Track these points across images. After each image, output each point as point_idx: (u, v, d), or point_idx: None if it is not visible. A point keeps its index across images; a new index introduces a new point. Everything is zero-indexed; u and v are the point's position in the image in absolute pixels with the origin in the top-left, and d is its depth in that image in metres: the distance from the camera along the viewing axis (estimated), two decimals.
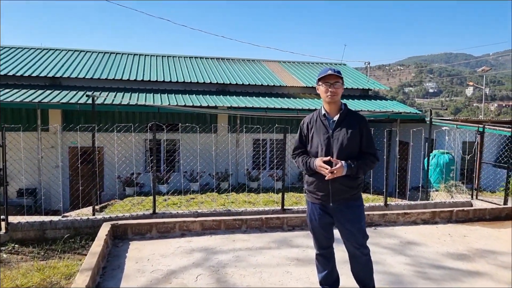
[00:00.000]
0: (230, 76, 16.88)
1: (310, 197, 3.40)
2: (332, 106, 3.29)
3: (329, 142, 3.23)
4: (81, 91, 13.51)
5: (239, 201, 10.11)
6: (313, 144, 3.31)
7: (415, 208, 7.45)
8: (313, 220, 3.40)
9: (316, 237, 3.47)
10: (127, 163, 11.77)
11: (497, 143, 13.77)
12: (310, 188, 3.38)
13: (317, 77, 3.31)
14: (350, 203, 3.27)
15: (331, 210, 3.30)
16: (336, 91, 3.21)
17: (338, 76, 3.20)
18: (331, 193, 3.22)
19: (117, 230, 5.12)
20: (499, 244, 5.29)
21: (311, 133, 3.34)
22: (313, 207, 3.39)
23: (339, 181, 3.17)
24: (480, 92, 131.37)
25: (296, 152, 3.47)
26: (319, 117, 3.34)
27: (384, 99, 17.65)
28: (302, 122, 3.47)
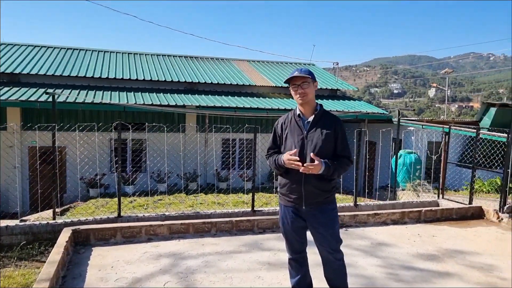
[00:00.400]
0: (198, 74, 16.61)
1: (283, 200, 3.28)
2: (305, 107, 3.17)
3: (303, 143, 3.11)
4: (41, 88, 12.90)
5: (208, 202, 9.91)
6: (287, 145, 3.19)
7: (384, 208, 7.49)
8: (286, 224, 3.28)
9: (288, 241, 3.35)
10: (91, 163, 11.32)
11: (461, 143, 14.17)
12: (282, 191, 3.26)
13: (284, 80, 3.21)
14: (323, 207, 3.17)
15: (304, 213, 3.19)
16: (304, 92, 3.09)
17: (304, 76, 3.08)
18: (304, 196, 3.11)
19: (79, 236, 4.84)
20: (467, 244, 5.36)
21: (285, 133, 3.22)
22: (285, 210, 3.27)
23: (313, 184, 3.07)
24: (442, 93, 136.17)
25: (269, 153, 3.34)
26: (294, 118, 3.23)
27: (352, 99, 17.86)
28: (277, 123, 3.35)
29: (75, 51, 17.44)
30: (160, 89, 15.01)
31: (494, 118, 14.67)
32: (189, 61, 18.65)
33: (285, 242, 3.39)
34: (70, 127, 10.00)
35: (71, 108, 12.32)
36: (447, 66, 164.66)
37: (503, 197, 6.88)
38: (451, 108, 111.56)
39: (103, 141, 12.71)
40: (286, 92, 16.73)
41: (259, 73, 18.17)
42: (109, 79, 14.74)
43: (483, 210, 6.79)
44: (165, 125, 13.15)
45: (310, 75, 3.14)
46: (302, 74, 3.08)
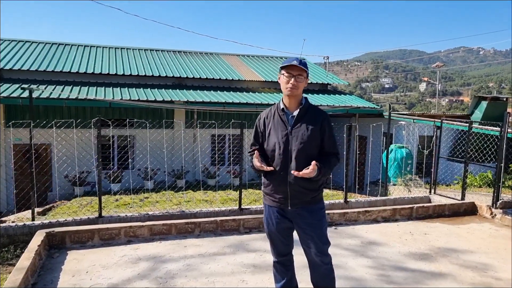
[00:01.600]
0: (187, 69, 16.30)
1: (267, 200, 3.06)
2: (291, 100, 2.93)
3: (287, 139, 2.88)
4: (25, 84, 12.52)
5: (196, 200, 9.67)
6: (270, 142, 2.96)
7: (375, 204, 7.30)
8: (270, 225, 3.06)
9: (273, 243, 3.13)
10: (77, 161, 11.00)
11: (452, 137, 14.06)
12: (266, 190, 3.04)
13: (281, 65, 2.94)
14: (310, 207, 2.95)
15: (290, 214, 2.97)
16: (297, 85, 2.85)
17: (302, 69, 2.85)
18: (290, 196, 2.90)
19: (54, 239, 4.57)
20: (460, 242, 5.18)
21: (268, 129, 2.99)
22: (270, 211, 3.05)
23: (298, 183, 2.85)
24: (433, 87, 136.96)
25: (251, 150, 3.10)
26: (277, 112, 2.99)
27: (342, 93, 17.68)
28: (259, 118, 3.10)
29: (60, 46, 17.02)
30: (148, 85, 14.69)
31: (486, 112, 14.58)
32: (177, 56, 18.31)
33: (269, 244, 3.17)
34: (55, 124, 9.70)
35: (55, 104, 11.98)
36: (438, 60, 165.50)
37: (496, 192, 6.73)
38: (442, 102, 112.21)
39: (90, 138, 12.39)
40: (276, 87, 16.48)
41: (249, 68, 17.90)
42: (94, 74, 14.39)
43: (476, 206, 6.63)
44: (153, 120, 12.87)
45: (307, 70, 2.92)
46: (300, 66, 2.85)
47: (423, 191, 10.05)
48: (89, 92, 12.61)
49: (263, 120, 3.05)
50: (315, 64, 20.91)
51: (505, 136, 6.66)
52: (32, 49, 15.81)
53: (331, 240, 5.12)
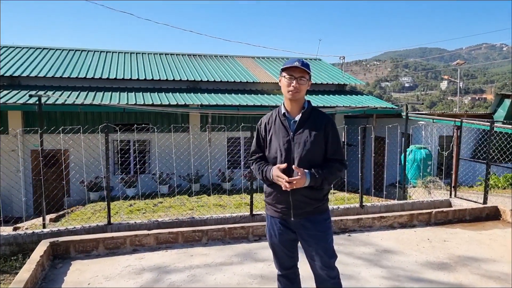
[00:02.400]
0: (201, 72, 16.25)
1: (269, 210, 2.88)
2: (293, 104, 2.76)
3: (289, 146, 2.71)
4: (42, 91, 12.68)
5: (209, 205, 9.55)
6: (272, 148, 2.78)
7: (392, 209, 7.04)
8: (273, 236, 2.88)
9: (277, 256, 2.95)
10: (93, 166, 11.04)
11: (473, 137, 13.59)
12: (268, 200, 2.86)
13: (281, 67, 2.77)
14: (314, 217, 2.76)
15: (293, 225, 2.79)
16: (299, 88, 2.68)
17: (305, 71, 2.68)
18: (292, 206, 2.72)
19: (58, 249, 4.50)
20: (482, 250, 4.89)
21: (270, 135, 2.81)
22: (272, 221, 2.87)
23: (301, 192, 2.67)
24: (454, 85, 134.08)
25: (253, 158, 2.93)
26: (279, 117, 2.81)
27: (360, 94, 17.34)
28: (259, 123, 2.94)
29: (76, 52, 17.20)
30: (162, 89, 14.69)
31: (509, 110, 14.04)
32: (191, 59, 18.29)
33: (273, 256, 3.00)
34: (73, 129, 9.77)
35: (71, 110, 12.08)
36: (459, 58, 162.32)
37: None
38: (464, 101, 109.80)
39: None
40: None
41: (263, 70, 17.74)
42: (109, 79, 14.45)
43: (499, 210, 6.30)
44: (168, 124, 12.85)
45: (309, 72, 2.73)
46: (303, 67, 2.67)
47: (443, 194, 9.69)
48: (104, 97, 12.66)
49: (264, 125, 2.88)
50: (332, 64, 20.60)
51: None
52: (49, 57, 16.01)
53: (344, 248, 4.93)
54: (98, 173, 11.56)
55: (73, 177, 11.70)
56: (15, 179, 11.56)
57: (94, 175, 11.61)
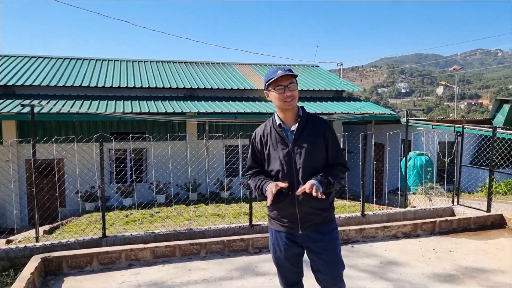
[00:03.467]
0: (198, 80, 16.13)
1: (274, 224, 2.73)
2: (287, 113, 2.64)
3: (290, 158, 2.58)
4: (36, 100, 12.54)
5: (207, 215, 9.37)
6: (272, 162, 2.64)
7: (394, 217, 6.88)
8: (278, 252, 2.71)
9: (282, 272, 2.79)
10: (88, 177, 10.83)
11: (474, 143, 13.49)
12: (272, 214, 2.71)
13: (265, 81, 2.63)
14: (322, 228, 2.64)
15: (301, 238, 2.65)
16: (293, 94, 2.57)
17: (292, 75, 2.57)
18: (300, 220, 2.59)
19: (50, 264, 4.31)
20: (489, 260, 4.74)
21: (267, 148, 2.66)
22: (277, 236, 2.71)
23: (308, 204, 2.54)
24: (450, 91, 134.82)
25: (250, 173, 2.76)
26: (274, 128, 2.66)
27: (358, 100, 17.25)
28: (254, 136, 2.77)
29: (72, 60, 17.06)
30: (159, 97, 14.56)
31: (508, 115, 13.97)
32: (188, 67, 18.18)
33: (277, 272, 2.83)
34: (65, 139, 9.59)
35: (66, 119, 11.91)
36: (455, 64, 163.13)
37: None
38: (460, 106, 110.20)
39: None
40: None
41: (261, 77, 17.63)
42: (105, 87, 14.31)
43: (504, 218, 6.15)
44: (165, 132, 12.69)
45: (295, 74, 2.61)
46: (288, 73, 2.54)
47: (445, 201, 9.55)
48: (100, 106, 12.51)
49: (259, 138, 2.72)
50: (329, 71, 20.53)
51: None
52: (44, 65, 15.86)
53: (347, 259, 4.74)
54: (94, 183, 11.37)
55: (68, 188, 11.49)
56: (10, 189, 11.37)
57: (89, 185, 11.42)
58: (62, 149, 9.55)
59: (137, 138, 10.76)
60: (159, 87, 14.84)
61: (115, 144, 11.62)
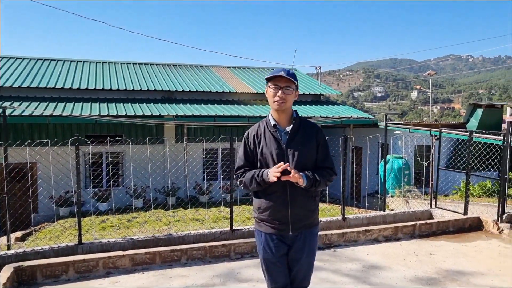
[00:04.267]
0: (176, 83, 15.94)
1: (263, 227, 2.71)
2: (281, 114, 2.68)
3: (283, 158, 2.62)
4: (8, 102, 12.12)
5: (186, 219, 9.23)
6: (264, 161, 2.67)
7: (374, 220, 6.92)
8: (269, 253, 2.69)
9: (272, 274, 2.74)
10: (63, 182, 10.47)
11: (449, 146, 13.76)
12: (263, 216, 2.69)
13: (267, 76, 2.67)
14: (310, 230, 2.74)
15: (290, 239, 2.69)
16: (285, 98, 2.60)
17: (290, 80, 2.60)
18: (291, 220, 2.64)
19: (23, 274, 4.12)
20: (468, 263, 4.80)
21: (260, 148, 2.68)
22: (267, 238, 2.70)
23: (299, 204, 2.64)
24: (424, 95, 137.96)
25: (242, 171, 2.75)
26: (268, 129, 2.69)
27: (336, 104, 17.38)
28: (246, 135, 2.77)
29: (45, 62, 16.59)
30: (136, 99, 14.31)
31: (481, 119, 14.34)
32: (166, 69, 17.95)
33: (266, 276, 2.77)
34: (40, 142, 9.29)
35: (39, 121, 11.55)
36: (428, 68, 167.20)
37: (501, 205, 6.37)
38: (433, 110, 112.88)
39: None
40: None
41: (239, 80, 17.58)
42: (80, 89, 13.97)
43: (481, 221, 6.27)
44: (142, 135, 12.46)
45: (296, 81, 2.63)
46: (288, 77, 2.59)
47: (423, 203, 9.68)
48: (75, 108, 12.19)
49: (252, 138, 2.73)
50: (307, 74, 20.65)
51: (508, 146, 6.33)
52: (16, 66, 15.37)
53: (330, 264, 4.73)
54: (68, 187, 11.05)
55: (41, 193, 11.11)
56: None
57: (64, 190, 11.08)
58: (35, 153, 9.25)
59: (114, 142, 10.52)
60: (136, 90, 14.59)
61: (91, 148, 11.34)
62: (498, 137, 9.92)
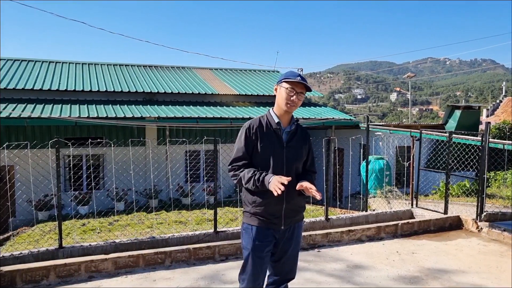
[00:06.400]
0: (158, 84, 15.81)
1: (255, 220, 2.72)
2: (286, 115, 2.78)
3: (282, 156, 2.72)
4: None
5: (169, 221, 9.15)
6: (262, 156, 2.70)
7: (357, 221, 6.99)
8: (259, 247, 2.70)
9: (256, 271, 2.73)
10: (43, 185, 10.25)
11: (428, 147, 14.01)
12: (257, 210, 2.71)
13: (284, 77, 2.73)
14: (298, 225, 2.88)
15: (280, 233, 2.78)
16: (297, 103, 2.73)
17: (306, 87, 2.71)
18: (284, 216, 2.74)
19: (2, 279, 4.00)
20: (450, 261, 4.88)
21: (262, 142, 2.71)
22: (260, 232, 2.71)
23: (293, 202, 2.76)
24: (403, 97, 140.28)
25: (239, 164, 2.73)
26: (271, 126, 2.75)
27: (317, 105, 17.51)
28: (249, 127, 2.74)
29: (22, 62, 16.23)
30: (117, 101, 14.12)
31: (460, 121, 14.65)
32: (147, 70, 17.78)
33: (249, 270, 2.73)
34: (18, 145, 9.08)
35: (16, 124, 11.28)
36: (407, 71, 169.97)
37: (479, 204, 6.51)
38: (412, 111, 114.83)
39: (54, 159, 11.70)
40: (251, 100, 16.17)
41: (222, 81, 17.54)
42: (59, 91, 13.71)
43: (461, 220, 6.39)
44: (124, 137, 12.31)
45: (309, 88, 2.79)
46: (307, 85, 2.71)
47: (403, 203, 9.83)
48: (54, 110, 11.95)
49: (255, 130, 2.73)
50: None
51: (487, 147, 6.48)
52: None
53: (315, 264, 4.76)
54: (48, 191, 10.83)
55: (20, 197, 10.85)
56: None
57: (43, 194, 10.86)
58: (14, 156, 9.03)
59: (96, 144, 10.37)
60: (117, 91, 14.40)
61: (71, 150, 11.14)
62: (476, 138, 10.15)
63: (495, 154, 11.28)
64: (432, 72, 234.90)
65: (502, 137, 15.04)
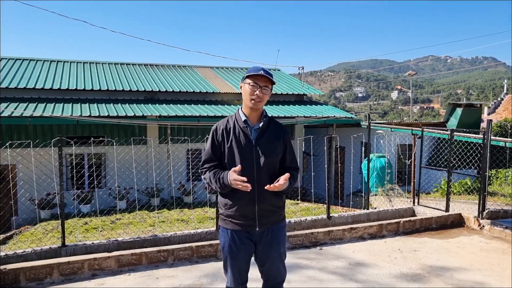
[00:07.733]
0: (159, 83, 15.82)
1: (229, 224, 2.70)
2: (253, 112, 2.71)
3: (251, 154, 2.64)
4: None
5: (171, 220, 9.17)
6: (232, 157, 2.66)
7: (359, 219, 7.01)
8: (234, 251, 2.69)
9: (235, 272, 2.73)
10: (45, 183, 10.28)
11: (430, 145, 14.01)
12: (229, 212, 2.68)
13: (246, 74, 2.67)
14: (277, 225, 2.76)
15: (257, 235, 2.70)
16: (262, 97, 2.64)
17: (269, 80, 2.64)
18: (258, 217, 2.65)
19: (6, 277, 4.03)
20: (452, 259, 4.90)
21: (229, 142, 2.68)
22: (234, 236, 2.69)
23: (267, 201, 2.66)
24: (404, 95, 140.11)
25: (207, 166, 2.73)
26: (238, 124, 2.70)
27: (318, 104, 17.51)
28: (215, 128, 2.75)
29: (24, 61, 16.26)
30: (118, 99, 14.13)
31: (461, 119, 14.64)
32: (149, 69, 17.79)
33: (229, 272, 2.76)
34: (20, 144, 9.11)
35: (18, 123, 11.31)
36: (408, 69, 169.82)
37: (481, 202, 6.52)
38: (414, 110, 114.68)
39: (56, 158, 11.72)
40: None
41: (223, 80, 17.55)
42: (61, 90, 13.73)
43: (463, 217, 6.40)
44: (125, 136, 12.33)
45: (273, 82, 2.68)
46: (268, 76, 2.61)
47: (405, 201, 9.85)
48: (56, 109, 11.97)
49: (221, 131, 2.72)
50: (290, 74, 20.74)
51: (488, 145, 6.48)
52: None
53: (317, 262, 4.77)
54: (50, 189, 10.85)
55: (22, 196, 10.88)
56: None
57: (45, 192, 10.88)
58: (17, 154, 9.06)
59: (98, 143, 10.39)
60: (118, 90, 14.41)
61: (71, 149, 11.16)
62: (478, 136, 10.15)
63: (497, 152, 11.28)
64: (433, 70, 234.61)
65: (504, 134, 15.04)
